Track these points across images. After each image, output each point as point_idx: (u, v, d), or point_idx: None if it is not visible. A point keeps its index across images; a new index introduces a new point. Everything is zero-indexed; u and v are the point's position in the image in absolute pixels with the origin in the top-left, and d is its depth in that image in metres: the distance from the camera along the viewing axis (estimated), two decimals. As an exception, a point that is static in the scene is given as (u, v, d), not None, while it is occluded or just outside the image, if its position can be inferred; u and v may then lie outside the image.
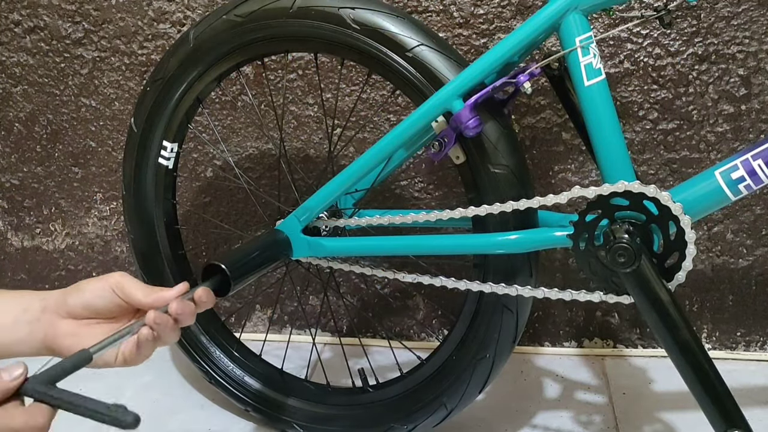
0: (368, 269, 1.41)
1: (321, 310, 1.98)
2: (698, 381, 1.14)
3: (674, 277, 1.15)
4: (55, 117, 1.97)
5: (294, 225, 1.38)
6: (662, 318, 1.14)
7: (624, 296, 1.19)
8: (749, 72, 1.64)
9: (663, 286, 1.14)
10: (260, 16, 1.39)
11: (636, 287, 1.15)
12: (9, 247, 2.13)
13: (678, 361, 1.15)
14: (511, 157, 1.27)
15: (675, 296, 1.14)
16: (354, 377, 1.61)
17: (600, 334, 1.88)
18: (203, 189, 1.95)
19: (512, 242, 1.25)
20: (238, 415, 1.71)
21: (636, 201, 1.14)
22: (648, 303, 1.14)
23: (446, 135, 1.25)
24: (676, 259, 1.14)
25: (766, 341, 1.82)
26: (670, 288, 1.15)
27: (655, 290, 1.13)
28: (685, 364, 1.14)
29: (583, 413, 1.65)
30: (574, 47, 1.17)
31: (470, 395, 1.42)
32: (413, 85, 1.30)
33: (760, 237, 1.74)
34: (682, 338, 1.14)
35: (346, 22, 1.32)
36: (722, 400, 1.13)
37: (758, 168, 1.09)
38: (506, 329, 1.35)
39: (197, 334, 1.68)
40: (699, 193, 1.14)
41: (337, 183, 1.35)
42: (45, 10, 1.88)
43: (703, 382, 1.13)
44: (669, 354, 1.16)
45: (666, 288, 1.14)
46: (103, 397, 0.83)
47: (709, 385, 1.13)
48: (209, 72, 1.49)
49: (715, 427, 1.14)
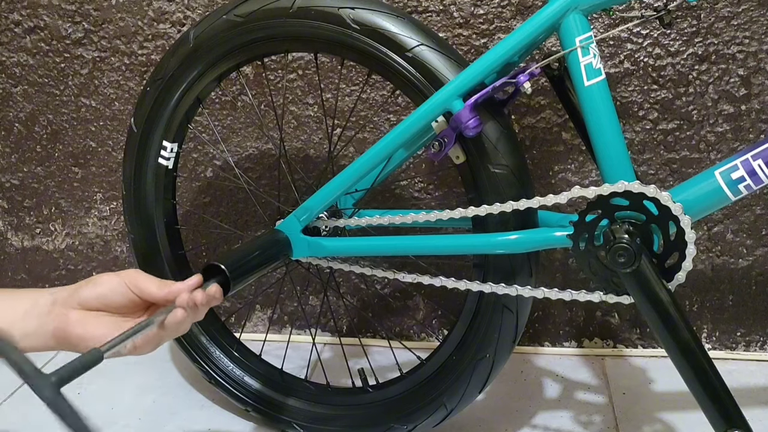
0: (368, 269, 1.41)
1: (321, 310, 1.99)
2: (698, 381, 1.14)
3: (674, 277, 1.15)
4: (55, 117, 1.98)
5: (294, 225, 1.39)
6: (662, 318, 1.14)
7: (624, 296, 1.19)
8: (749, 72, 1.64)
9: (663, 286, 1.14)
10: (260, 16, 1.39)
11: (636, 287, 1.15)
12: (9, 247, 2.14)
13: (678, 361, 1.15)
14: (511, 157, 1.27)
15: (675, 296, 1.15)
16: (354, 377, 1.61)
17: (600, 334, 1.89)
18: (203, 189, 1.96)
19: (512, 242, 1.25)
20: (238, 415, 1.71)
21: (636, 201, 1.14)
22: (648, 303, 1.15)
23: (446, 135, 1.25)
24: (676, 259, 1.14)
25: (766, 341, 1.82)
26: (670, 288, 1.15)
27: (655, 290, 1.14)
28: (685, 364, 1.15)
29: (583, 413, 1.65)
30: (574, 47, 1.18)
31: (470, 395, 1.43)
32: (413, 85, 1.30)
33: (760, 237, 1.74)
34: (682, 338, 1.14)
35: (346, 22, 1.32)
36: (722, 400, 1.13)
37: (758, 168, 1.10)
38: (506, 329, 1.35)
39: (197, 335, 1.69)
40: (699, 193, 1.15)
41: (337, 183, 1.35)
42: (45, 10, 1.88)
43: (703, 383, 1.14)
44: (669, 354, 1.16)
45: (666, 288, 1.14)
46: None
47: (709, 385, 1.14)
48: (209, 72, 1.49)
49: (715, 427, 1.15)
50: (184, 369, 1.90)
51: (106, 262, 2.10)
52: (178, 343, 1.70)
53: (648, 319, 1.17)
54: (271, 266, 1.35)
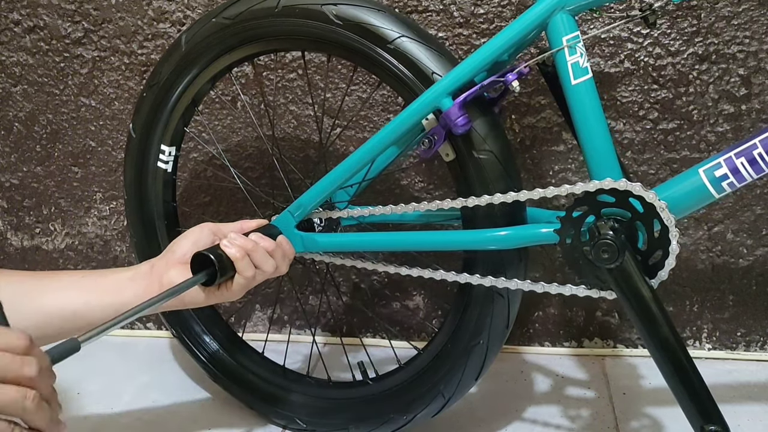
0: (359, 262, 1.46)
1: (320, 300, 2.02)
2: (677, 377, 1.18)
3: (657, 274, 1.20)
4: (55, 117, 2.01)
5: (288, 221, 1.44)
6: (643, 314, 1.19)
7: (608, 291, 1.23)
8: (749, 72, 1.67)
9: (645, 282, 1.19)
10: (247, 17, 1.44)
11: (619, 283, 1.20)
12: (8, 247, 2.17)
13: (657, 357, 1.20)
14: (500, 154, 1.32)
15: (657, 293, 1.19)
16: (354, 370, 1.65)
17: (600, 334, 1.92)
18: (203, 189, 1.99)
19: (501, 238, 1.30)
20: (238, 414, 1.74)
21: (622, 198, 1.19)
22: (630, 299, 1.20)
23: (436, 133, 1.30)
24: (659, 257, 1.19)
25: (766, 341, 1.85)
26: (652, 285, 1.19)
27: (638, 286, 1.19)
28: (665, 360, 1.19)
29: (583, 413, 1.68)
30: (561, 47, 1.22)
31: (466, 383, 1.46)
32: (396, 76, 1.35)
33: (760, 237, 1.77)
34: (662, 335, 1.18)
35: (330, 18, 1.37)
36: (700, 396, 1.18)
37: (741, 166, 1.14)
38: (498, 315, 1.39)
39: (200, 333, 1.74)
40: (683, 191, 1.19)
41: (330, 180, 1.40)
42: (45, 9, 1.91)
43: (682, 379, 1.18)
44: (649, 350, 1.21)
45: (648, 285, 1.19)
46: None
47: (687, 381, 1.18)
48: (202, 75, 1.55)
49: (692, 423, 1.19)
50: (184, 369, 1.94)
51: (106, 261, 2.12)
52: (181, 343, 1.76)
53: (630, 315, 1.22)
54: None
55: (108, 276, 1.28)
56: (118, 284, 1.26)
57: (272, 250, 1.32)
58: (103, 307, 1.22)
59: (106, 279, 1.27)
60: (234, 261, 1.26)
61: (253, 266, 1.28)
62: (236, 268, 1.27)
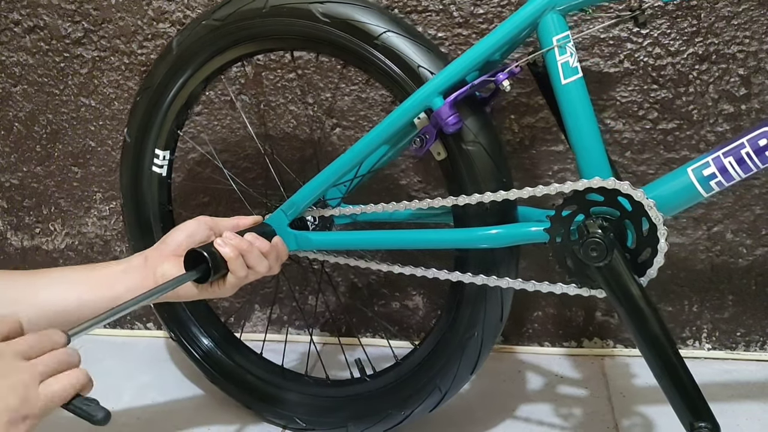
0: (352, 260, 1.47)
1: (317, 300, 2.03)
2: (666, 375, 1.19)
3: (646, 272, 1.20)
4: (55, 117, 2.02)
5: (281, 219, 1.45)
6: (633, 312, 1.20)
7: (598, 290, 1.24)
8: (749, 72, 1.67)
9: (634, 280, 1.19)
10: (236, 18, 1.46)
11: (608, 281, 1.20)
12: (8, 247, 2.18)
13: (647, 355, 1.21)
14: (491, 152, 1.33)
15: (646, 291, 1.20)
16: (351, 367, 1.66)
17: (599, 334, 1.92)
18: (202, 189, 2.00)
19: (492, 237, 1.31)
20: (237, 415, 1.74)
21: (610, 197, 1.19)
22: (619, 297, 1.20)
23: (427, 131, 1.31)
24: (648, 255, 1.19)
25: (766, 341, 1.85)
26: (641, 283, 1.20)
27: (627, 284, 1.19)
28: (654, 358, 1.20)
29: (582, 413, 1.69)
30: (551, 46, 1.23)
31: (462, 376, 1.47)
32: (384, 72, 1.36)
33: (760, 237, 1.77)
34: (651, 332, 1.19)
35: (317, 17, 1.38)
36: (690, 394, 1.18)
37: (729, 165, 1.14)
38: (492, 307, 1.40)
39: (198, 335, 1.76)
40: (672, 190, 1.20)
41: (322, 178, 1.42)
42: (45, 9, 1.92)
43: (672, 376, 1.19)
44: (639, 347, 1.22)
45: (637, 282, 1.20)
46: (101, 396, 0.91)
47: (677, 379, 1.19)
48: (194, 77, 1.56)
49: (682, 420, 1.19)
50: (183, 369, 1.95)
51: (106, 261, 2.12)
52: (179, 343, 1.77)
53: (619, 313, 1.22)
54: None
55: (100, 270, 1.30)
56: (111, 278, 1.28)
57: (267, 251, 1.33)
58: (95, 301, 1.24)
59: (99, 273, 1.29)
60: (227, 260, 1.27)
61: (245, 266, 1.29)
62: (229, 268, 1.28)
